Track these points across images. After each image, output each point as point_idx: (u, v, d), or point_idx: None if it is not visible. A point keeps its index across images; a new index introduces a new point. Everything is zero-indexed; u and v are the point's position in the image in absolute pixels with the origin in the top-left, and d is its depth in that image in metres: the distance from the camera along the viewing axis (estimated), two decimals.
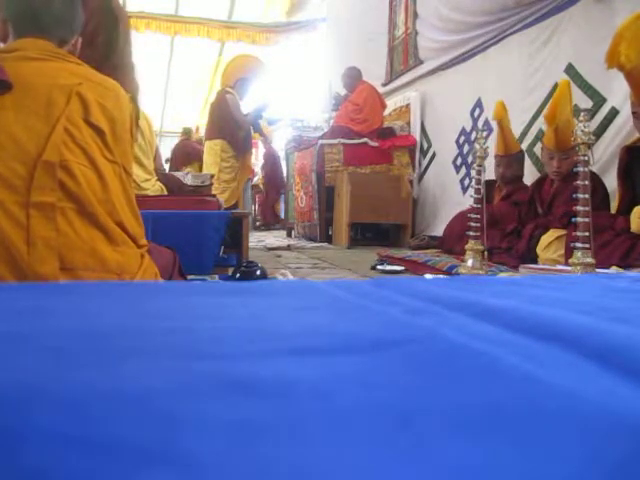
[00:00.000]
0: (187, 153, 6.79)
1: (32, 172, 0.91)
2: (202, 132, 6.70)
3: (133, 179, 2.41)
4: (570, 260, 1.77)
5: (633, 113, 2.17)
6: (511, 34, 3.56)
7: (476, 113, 3.98)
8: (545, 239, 2.45)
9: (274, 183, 7.74)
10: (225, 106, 4.29)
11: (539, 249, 2.45)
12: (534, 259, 2.45)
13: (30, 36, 1.05)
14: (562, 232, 2.35)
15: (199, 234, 1.98)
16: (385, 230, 4.67)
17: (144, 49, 7.11)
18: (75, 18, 1.11)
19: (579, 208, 1.75)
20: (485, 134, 2.49)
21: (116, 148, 1.03)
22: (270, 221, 7.71)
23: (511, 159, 3.04)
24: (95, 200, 0.96)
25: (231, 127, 4.30)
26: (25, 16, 1.06)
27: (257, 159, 8.68)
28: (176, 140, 8.98)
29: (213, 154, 4.34)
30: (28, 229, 0.89)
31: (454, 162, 4.28)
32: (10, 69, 0.96)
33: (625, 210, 2.18)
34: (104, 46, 1.18)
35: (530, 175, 3.18)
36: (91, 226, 0.95)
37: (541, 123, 3.01)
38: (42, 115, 0.95)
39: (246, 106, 4.50)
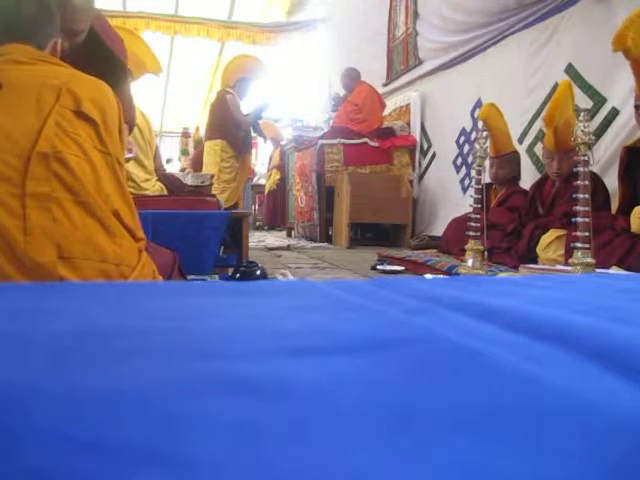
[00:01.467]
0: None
1: (26, 164, 0.92)
2: (202, 132, 6.68)
3: (133, 179, 2.41)
4: (570, 260, 1.77)
5: (636, 107, 2.13)
6: (511, 34, 3.56)
7: (476, 113, 3.98)
8: (545, 239, 2.45)
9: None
10: (225, 106, 4.29)
11: (539, 249, 2.45)
12: (534, 259, 2.45)
13: (11, 42, 1.06)
14: (562, 232, 2.35)
15: (199, 234, 1.98)
16: (385, 230, 4.67)
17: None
18: (49, 20, 1.12)
19: (579, 208, 1.75)
20: (485, 134, 2.49)
21: (108, 139, 1.04)
22: (279, 222, 7.44)
23: (503, 160, 3.03)
24: (89, 189, 0.96)
25: (231, 127, 4.30)
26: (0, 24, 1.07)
27: (257, 159, 8.66)
28: (176, 140, 8.97)
29: (213, 154, 4.33)
30: (25, 219, 0.90)
31: (454, 162, 4.28)
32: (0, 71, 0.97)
33: (625, 210, 2.17)
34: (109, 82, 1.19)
35: (530, 175, 3.17)
36: (87, 216, 0.96)
37: (541, 123, 3.01)
38: (33, 111, 0.97)
39: (246, 106, 4.50)
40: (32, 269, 0.88)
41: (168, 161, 8.39)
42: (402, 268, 2.73)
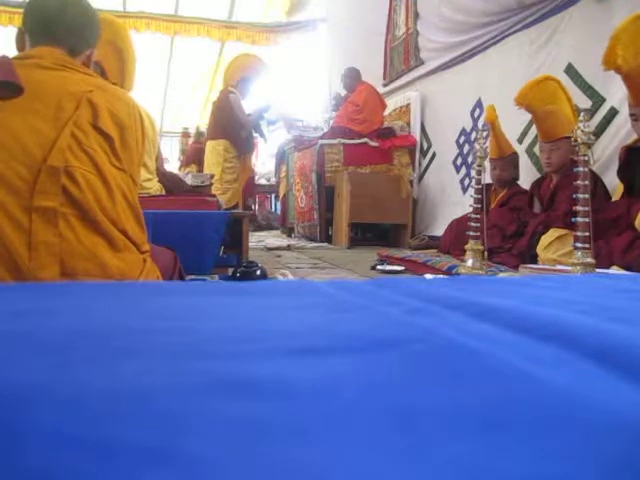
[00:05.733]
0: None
1: (36, 176, 0.92)
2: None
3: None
4: (570, 260, 1.77)
5: (631, 115, 2.17)
6: (511, 34, 3.56)
7: (476, 113, 3.98)
8: (545, 239, 2.45)
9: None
10: (228, 106, 4.28)
11: (539, 249, 2.45)
12: (534, 258, 2.45)
13: (44, 44, 1.07)
14: (563, 232, 2.35)
15: (199, 234, 1.98)
16: (385, 230, 4.66)
17: (144, 49, 7.11)
18: (89, 30, 1.13)
19: (579, 208, 1.75)
20: (485, 134, 2.49)
21: (124, 156, 1.04)
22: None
23: (506, 161, 3.06)
24: (98, 207, 0.96)
25: (234, 127, 4.29)
26: (39, 26, 1.08)
27: (257, 159, 8.63)
28: (176, 140, 8.95)
29: (216, 154, 4.32)
30: (30, 233, 0.90)
31: (454, 162, 4.28)
32: (23, 75, 0.97)
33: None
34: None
35: (530, 175, 3.18)
36: (93, 232, 0.95)
37: None
38: (50, 120, 0.96)
39: (248, 106, 4.50)
40: None
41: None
42: (402, 268, 2.73)
